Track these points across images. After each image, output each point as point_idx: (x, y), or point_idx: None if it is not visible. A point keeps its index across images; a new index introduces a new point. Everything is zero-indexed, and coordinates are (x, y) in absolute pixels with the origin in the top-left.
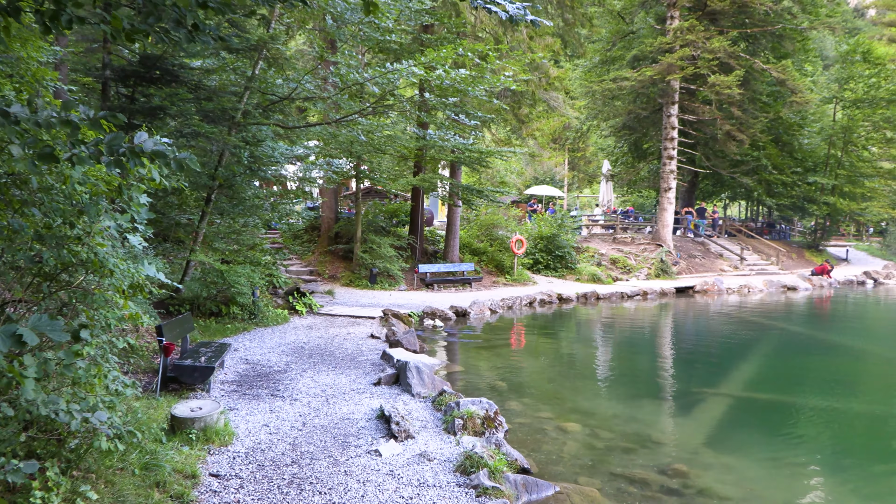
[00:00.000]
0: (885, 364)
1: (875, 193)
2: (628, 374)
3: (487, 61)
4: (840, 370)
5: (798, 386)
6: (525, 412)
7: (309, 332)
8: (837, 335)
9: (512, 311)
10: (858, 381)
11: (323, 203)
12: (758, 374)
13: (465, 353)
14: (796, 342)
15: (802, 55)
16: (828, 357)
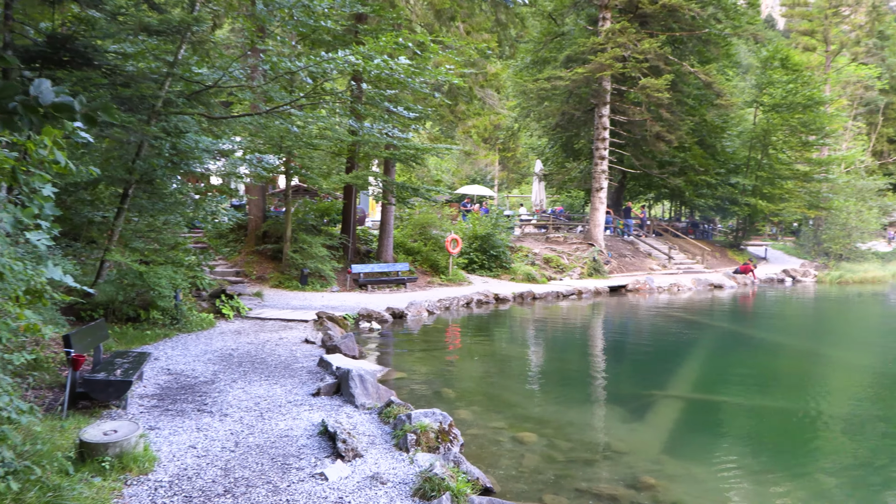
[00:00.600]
0: (819, 361)
1: (791, 195)
2: (575, 376)
3: (430, 51)
4: (778, 368)
5: (741, 385)
6: (477, 422)
7: (237, 337)
8: (769, 332)
9: (449, 312)
10: (799, 380)
11: (250, 201)
12: (701, 374)
13: (406, 358)
14: (731, 340)
15: (725, 60)
16: (764, 355)
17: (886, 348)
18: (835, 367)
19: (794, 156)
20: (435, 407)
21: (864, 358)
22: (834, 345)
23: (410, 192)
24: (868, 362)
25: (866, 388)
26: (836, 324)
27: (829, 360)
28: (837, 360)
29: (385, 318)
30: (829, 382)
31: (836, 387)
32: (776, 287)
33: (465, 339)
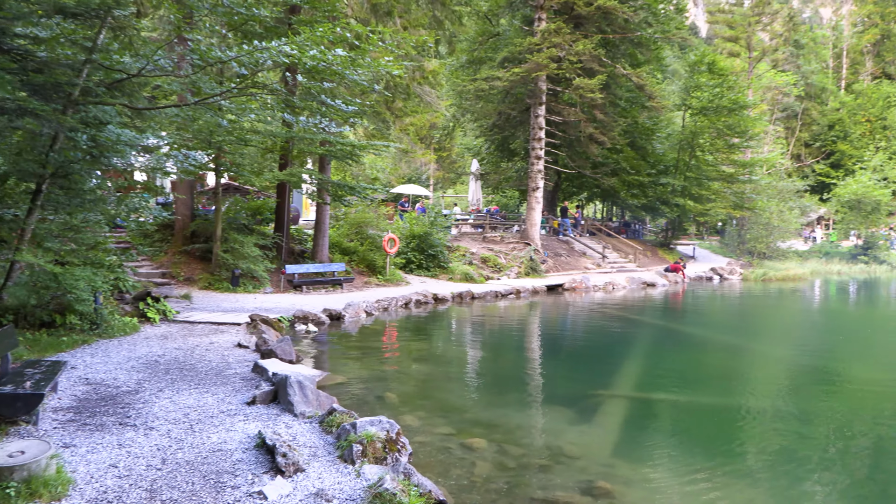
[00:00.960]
0: (749, 357)
1: (718, 195)
2: (519, 377)
3: (370, 42)
4: (713, 364)
5: (680, 383)
6: (423, 428)
7: (164, 342)
8: (701, 329)
9: (388, 313)
10: (732, 375)
11: (177, 199)
12: (641, 373)
13: (345, 361)
14: (666, 337)
15: (655, 64)
16: (699, 352)
17: (807, 342)
18: (762, 361)
19: (720, 158)
20: (379, 413)
21: (787, 352)
22: (760, 340)
23: (347, 190)
24: (791, 356)
25: (791, 381)
26: (762, 320)
27: (757, 355)
28: (764, 355)
29: (322, 320)
30: (759, 377)
31: (764, 381)
32: (705, 285)
33: (406, 341)
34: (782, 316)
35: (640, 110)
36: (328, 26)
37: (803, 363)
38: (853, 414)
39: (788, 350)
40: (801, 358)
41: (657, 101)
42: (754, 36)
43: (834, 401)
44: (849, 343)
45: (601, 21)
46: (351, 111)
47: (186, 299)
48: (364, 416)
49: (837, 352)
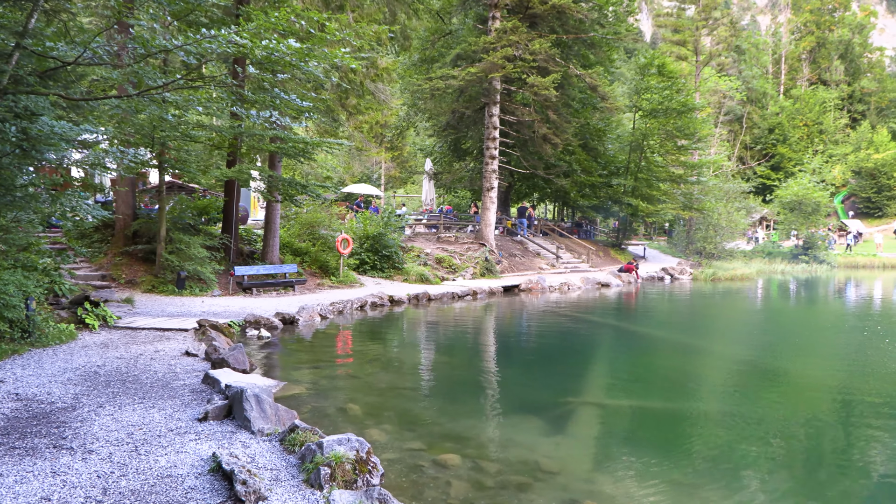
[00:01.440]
0: (711, 358)
1: (668, 196)
2: (484, 384)
3: (327, 31)
4: (679, 367)
5: (647, 387)
6: (392, 444)
7: (105, 351)
8: (660, 330)
9: (343, 316)
10: (698, 378)
11: (117, 198)
12: (607, 377)
13: (302, 370)
14: (628, 339)
15: (606, 65)
16: (661, 354)
17: (758, 341)
18: (720, 362)
19: (669, 159)
20: (342, 427)
21: (742, 351)
22: (715, 340)
23: (298, 188)
24: (746, 355)
25: (751, 381)
26: (714, 320)
27: (715, 356)
28: (720, 355)
29: (274, 325)
30: (718, 378)
31: (724, 382)
32: (656, 285)
33: (364, 346)
34: (733, 315)
35: (592, 112)
36: (284, 11)
37: (759, 362)
38: (826, 415)
39: (743, 349)
40: (755, 357)
41: (610, 102)
42: (701, 40)
43: (804, 403)
44: (800, 340)
45: (555, 21)
46: (306, 106)
47: (128, 303)
48: (327, 431)
49: (789, 350)
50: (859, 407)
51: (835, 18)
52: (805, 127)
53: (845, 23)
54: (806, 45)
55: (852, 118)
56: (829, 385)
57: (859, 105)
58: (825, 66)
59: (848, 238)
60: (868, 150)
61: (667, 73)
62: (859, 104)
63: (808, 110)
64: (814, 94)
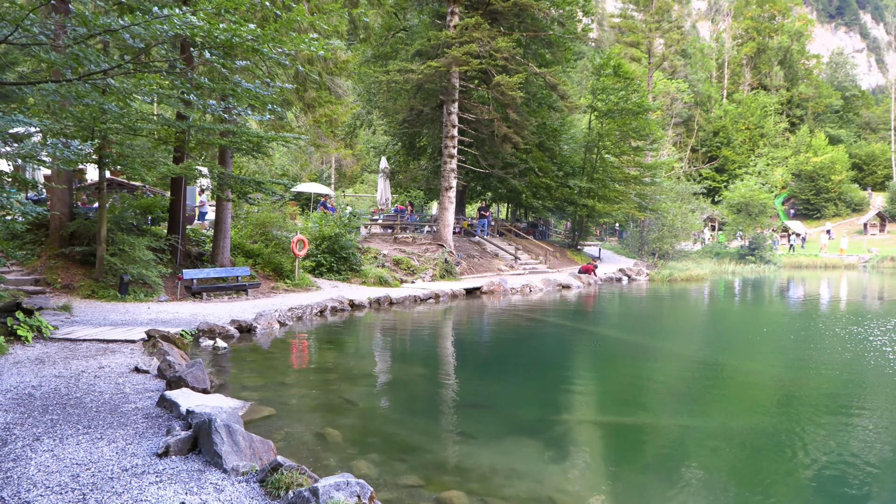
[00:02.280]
0: (695, 366)
1: (623, 197)
2: (466, 399)
3: (295, 13)
4: (668, 377)
5: (642, 401)
6: (386, 480)
7: (40, 368)
8: (635, 335)
9: (302, 323)
10: (692, 390)
11: (52, 195)
12: (597, 390)
13: (268, 387)
14: (605, 346)
15: (564, 65)
16: (645, 362)
17: (724, 341)
18: (711, 371)
19: (624, 160)
20: (323, 458)
21: (723, 356)
22: (686, 343)
23: (253, 186)
24: (719, 358)
25: (749, 394)
26: (688, 322)
27: (696, 362)
28: (711, 363)
29: (230, 334)
30: (720, 392)
31: (725, 396)
32: (614, 286)
33: (330, 357)
34: (695, 316)
35: (548, 111)
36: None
37: (731, 364)
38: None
39: (709, 351)
40: (726, 359)
41: (570, 102)
42: (654, 41)
43: (783, 404)
44: (761, 339)
45: (514, 18)
46: (268, 95)
47: (66, 311)
48: (308, 463)
49: (756, 351)
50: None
51: (774, 25)
52: (747, 130)
53: (784, 30)
54: (748, 50)
55: (791, 122)
56: (789, 383)
57: (797, 110)
58: (765, 71)
59: (792, 239)
60: (807, 153)
61: (623, 73)
62: (797, 109)
63: (750, 114)
64: (755, 98)
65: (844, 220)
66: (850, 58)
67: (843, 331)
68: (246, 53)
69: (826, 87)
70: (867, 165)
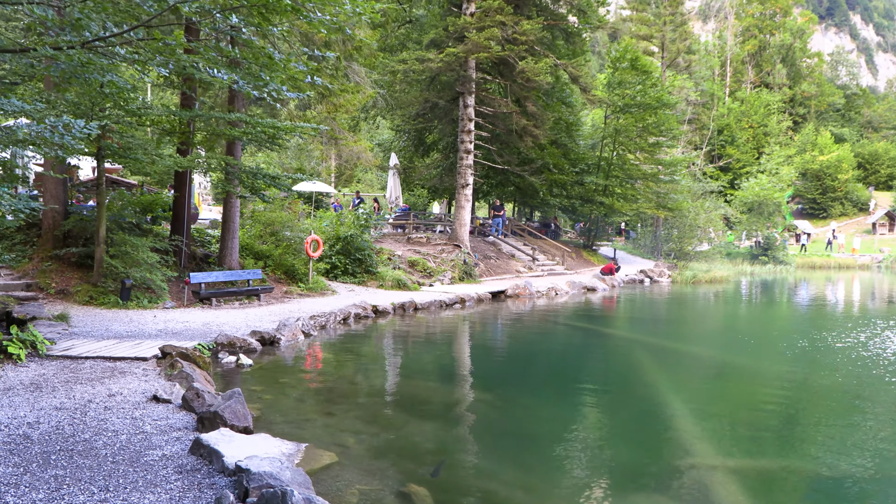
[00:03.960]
0: (812, 390)
1: (642, 195)
2: (560, 438)
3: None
4: (791, 406)
5: (780, 439)
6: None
7: (37, 398)
8: (705, 347)
9: (326, 332)
10: (836, 422)
11: (45, 191)
12: (713, 426)
13: (314, 420)
14: (678, 361)
15: (579, 56)
16: (743, 383)
17: (796, 352)
18: (823, 394)
19: (641, 157)
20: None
21: (821, 375)
22: (780, 360)
23: (267, 180)
24: (831, 380)
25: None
26: (747, 331)
27: (803, 384)
28: (813, 384)
29: (252, 347)
30: (855, 423)
31: (865, 428)
32: (637, 288)
33: (374, 377)
34: (750, 323)
35: (561, 107)
36: None
37: (837, 384)
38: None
39: (798, 368)
40: (821, 377)
41: (592, 95)
42: (668, 34)
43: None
44: (844, 351)
45: (534, 8)
46: (308, 69)
47: (63, 321)
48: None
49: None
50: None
51: (776, 23)
52: (751, 129)
53: (786, 27)
54: (750, 48)
55: (794, 121)
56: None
57: (800, 108)
58: (767, 69)
59: (803, 238)
60: (813, 152)
61: (640, 66)
62: (800, 107)
63: (754, 112)
64: (758, 96)
65: (851, 219)
66: (851, 56)
67: None
68: (284, 15)
69: (828, 85)
70: (870, 164)
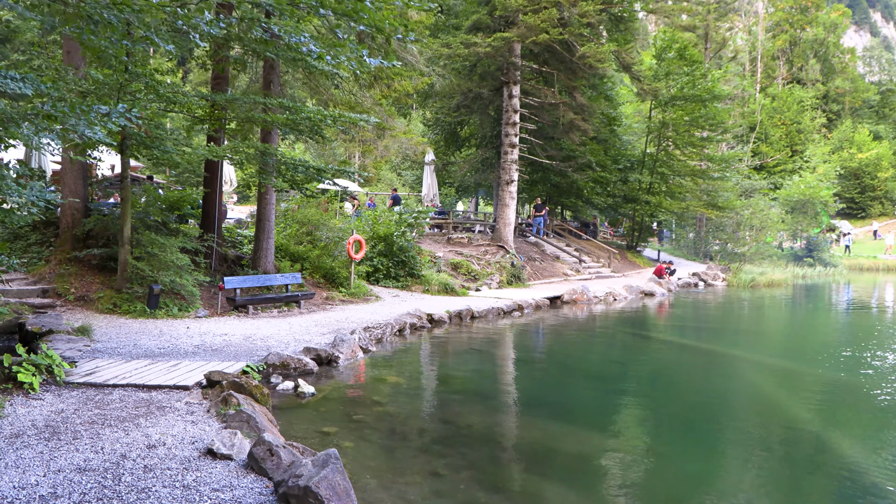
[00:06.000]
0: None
1: (691, 193)
2: (682, 482)
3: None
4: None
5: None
6: None
7: (54, 451)
8: (794, 361)
9: (382, 345)
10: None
11: (64, 187)
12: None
13: (420, 483)
14: (774, 377)
15: (623, 45)
16: (868, 405)
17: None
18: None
19: (692, 153)
20: None
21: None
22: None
23: (312, 173)
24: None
25: None
26: (845, 341)
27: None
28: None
29: (308, 369)
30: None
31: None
32: (691, 292)
33: (467, 410)
34: (852, 334)
35: (603, 100)
36: None
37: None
38: None
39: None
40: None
41: (647, 84)
42: (713, 24)
43: None
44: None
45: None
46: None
47: (84, 335)
48: None
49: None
50: None
51: (807, 17)
52: (783, 126)
53: (819, 21)
54: (780, 43)
55: (827, 118)
56: None
57: (833, 105)
58: (799, 65)
59: (847, 239)
60: (851, 149)
61: (688, 56)
62: (833, 104)
63: (786, 109)
64: (790, 92)
65: (891, 219)
66: (886, 51)
67: None
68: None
69: (861, 81)
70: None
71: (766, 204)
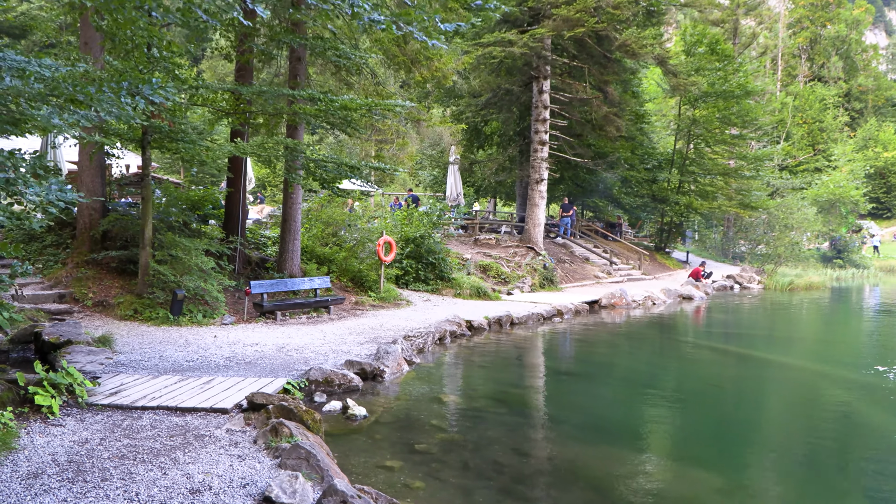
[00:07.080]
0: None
1: (723, 192)
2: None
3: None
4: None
5: None
6: None
7: (79, 491)
8: (858, 370)
9: (424, 356)
10: None
11: (81, 186)
12: None
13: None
14: (853, 386)
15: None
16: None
17: None
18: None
19: (723, 151)
20: None
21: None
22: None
23: (346, 170)
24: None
25: None
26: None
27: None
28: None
29: (353, 385)
30: None
31: None
32: (727, 295)
33: (540, 439)
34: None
35: (631, 97)
36: None
37: None
38: None
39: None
40: None
41: (682, 78)
42: (741, 19)
43: None
44: None
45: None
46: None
47: (105, 346)
48: None
49: None
50: None
51: (829, 14)
52: (805, 125)
53: (841, 18)
54: (801, 40)
55: (850, 116)
56: None
57: (856, 103)
58: (821, 62)
59: (874, 240)
60: (876, 148)
61: (720, 51)
62: (856, 102)
63: (808, 107)
64: (812, 90)
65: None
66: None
67: None
68: None
69: (885, 79)
70: None
71: (799, 203)
